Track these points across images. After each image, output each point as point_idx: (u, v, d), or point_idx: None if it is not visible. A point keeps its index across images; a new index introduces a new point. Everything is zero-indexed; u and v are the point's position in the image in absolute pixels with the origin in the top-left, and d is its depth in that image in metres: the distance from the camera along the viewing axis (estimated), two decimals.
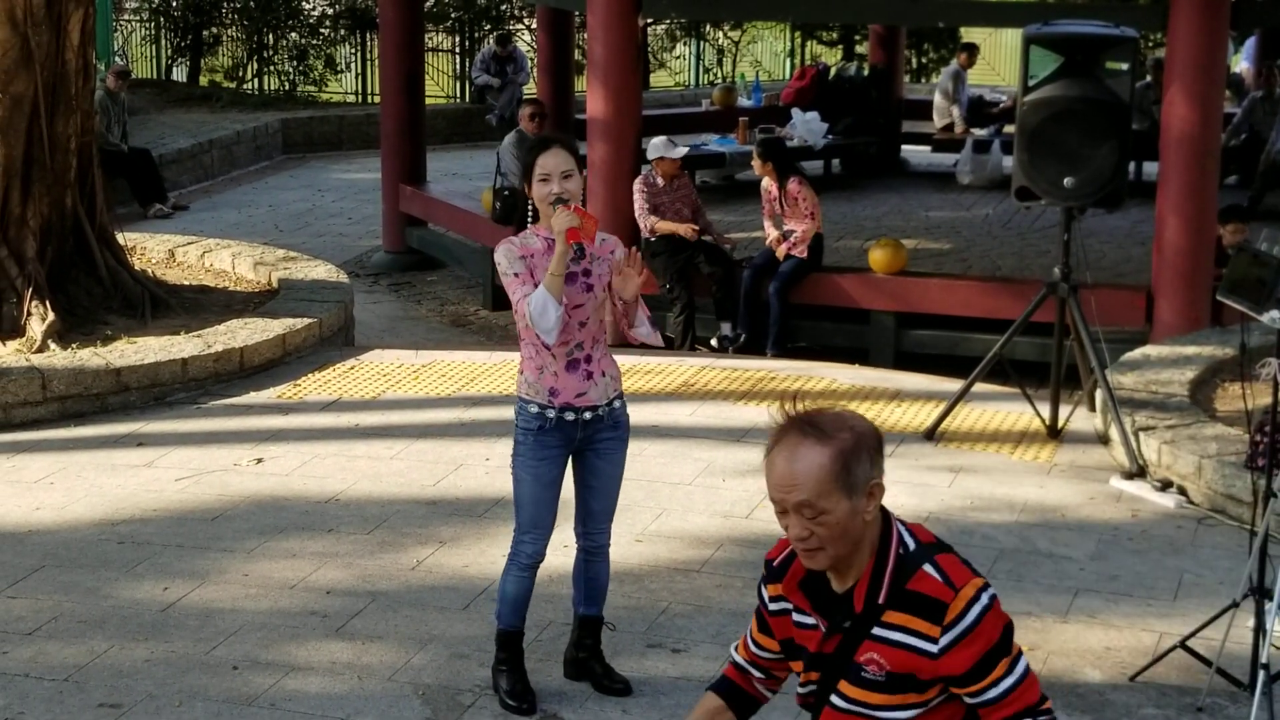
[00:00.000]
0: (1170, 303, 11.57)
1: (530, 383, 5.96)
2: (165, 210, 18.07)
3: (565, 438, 5.97)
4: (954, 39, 25.77)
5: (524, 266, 5.86)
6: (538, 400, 5.94)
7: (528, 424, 5.96)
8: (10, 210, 10.89)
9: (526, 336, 5.96)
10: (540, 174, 5.87)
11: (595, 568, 6.21)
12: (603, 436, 6.04)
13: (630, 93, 13.24)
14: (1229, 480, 8.13)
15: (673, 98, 25.09)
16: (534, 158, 5.90)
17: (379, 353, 11.17)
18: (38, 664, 6.52)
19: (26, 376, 9.71)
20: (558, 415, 5.93)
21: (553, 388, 5.93)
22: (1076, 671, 6.50)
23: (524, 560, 6.08)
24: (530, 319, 5.76)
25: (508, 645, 6.19)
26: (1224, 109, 13.36)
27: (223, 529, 7.97)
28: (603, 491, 6.11)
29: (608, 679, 6.26)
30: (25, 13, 10.64)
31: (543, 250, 5.88)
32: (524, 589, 6.12)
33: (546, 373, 5.93)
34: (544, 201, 5.86)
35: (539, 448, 5.95)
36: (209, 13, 25.31)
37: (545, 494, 6.01)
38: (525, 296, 5.80)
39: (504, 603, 6.15)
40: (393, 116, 16.29)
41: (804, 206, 12.80)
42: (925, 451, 9.07)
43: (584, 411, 5.96)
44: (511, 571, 6.12)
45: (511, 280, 5.86)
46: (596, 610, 6.27)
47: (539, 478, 5.98)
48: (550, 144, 5.93)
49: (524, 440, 5.98)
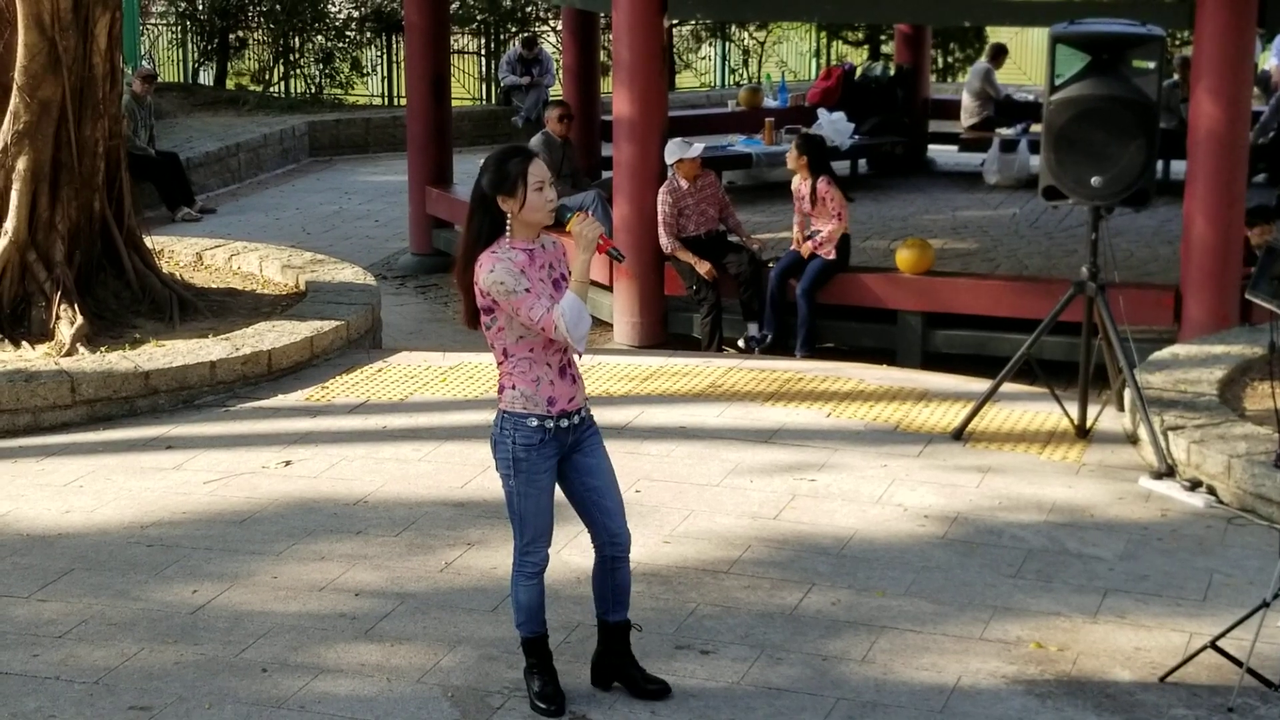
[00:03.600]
0: (1198, 301, 11.53)
1: (527, 396, 5.90)
2: (193, 214, 18.11)
3: (560, 445, 5.98)
4: (980, 38, 25.72)
5: (527, 281, 5.80)
6: (536, 412, 5.90)
7: (528, 439, 5.91)
8: (39, 214, 10.93)
9: (518, 351, 5.89)
10: (535, 182, 5.80)
11: (620, 572, 6.17)
12: (586, 436, 6.06)
13: (656, 94, 13.24)
14: (1258, 480, 8.10)
15: (698, 99, 25.08)
16: (523, 166, 5.80)
17: (406, 355, 11.18)
18: (68, 666, 6.55)
19: (55, 380, 9.74)
20: (555, 424, 5.92)
21: (550, 396, 5.91)
22: (1106, 672, 6.48)
23: (531, 570, 6.08)
24: (564, 330, 5.72)
25: (534, 650, 6.19)
26: (1252, 107, 13.30)
27: (251, 531, 7.99)
28: (609, 486, 6.09)
29: (645, 681, 6.23)
30: (53, 17, 10.68)
31: (526, 262, 5.83)
32: (537, 595, 6.12)
33: (543, 382, 5.91)
34: (542, 210, 5.81)
35: (539, 460, 5.94)
36: (235, 16, 25.37)
37: (546, 502, 6.02)
38: (549, 310, 5.74)
39: (520, 612, 6.14)
40: (419, 119, 16.31)
41: (831, 206, 12.78)
42: (953, 452, 9.06)
43: (574, 416, 5.98)
44: (520, 582, 6.10)
45: (524, 296, 5.76)
46: (624, 615, 6.23)
47: (542, 489, 5.98)
48: (532, 154, 5.87)
49: (525, 456, 5.93)
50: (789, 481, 8.54)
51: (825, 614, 6.98)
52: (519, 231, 5.86)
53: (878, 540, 7.78)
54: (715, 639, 6.74)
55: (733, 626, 6.86)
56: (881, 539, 7.80)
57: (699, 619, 6.92)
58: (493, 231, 5.85)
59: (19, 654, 6.65)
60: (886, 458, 8.91)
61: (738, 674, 6.44)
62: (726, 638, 6.75)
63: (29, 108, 10.80)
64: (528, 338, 5.87)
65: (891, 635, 6.78)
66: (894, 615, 6.96)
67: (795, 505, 8.22)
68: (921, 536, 7.83)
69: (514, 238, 5.86)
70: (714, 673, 6.45)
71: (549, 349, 5.90)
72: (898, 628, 6.84)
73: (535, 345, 5.88)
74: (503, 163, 5.85)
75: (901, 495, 8.36)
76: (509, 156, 5.88)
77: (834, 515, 8.09)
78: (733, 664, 6.52)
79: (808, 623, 6.89)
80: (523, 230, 5.87)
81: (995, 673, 6.45)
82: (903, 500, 8.29)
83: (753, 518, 8.06)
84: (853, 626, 6.86)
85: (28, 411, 9.65)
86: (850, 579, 7.33)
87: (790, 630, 6.82)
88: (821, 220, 12.83)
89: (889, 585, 7.27)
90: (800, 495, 8.35)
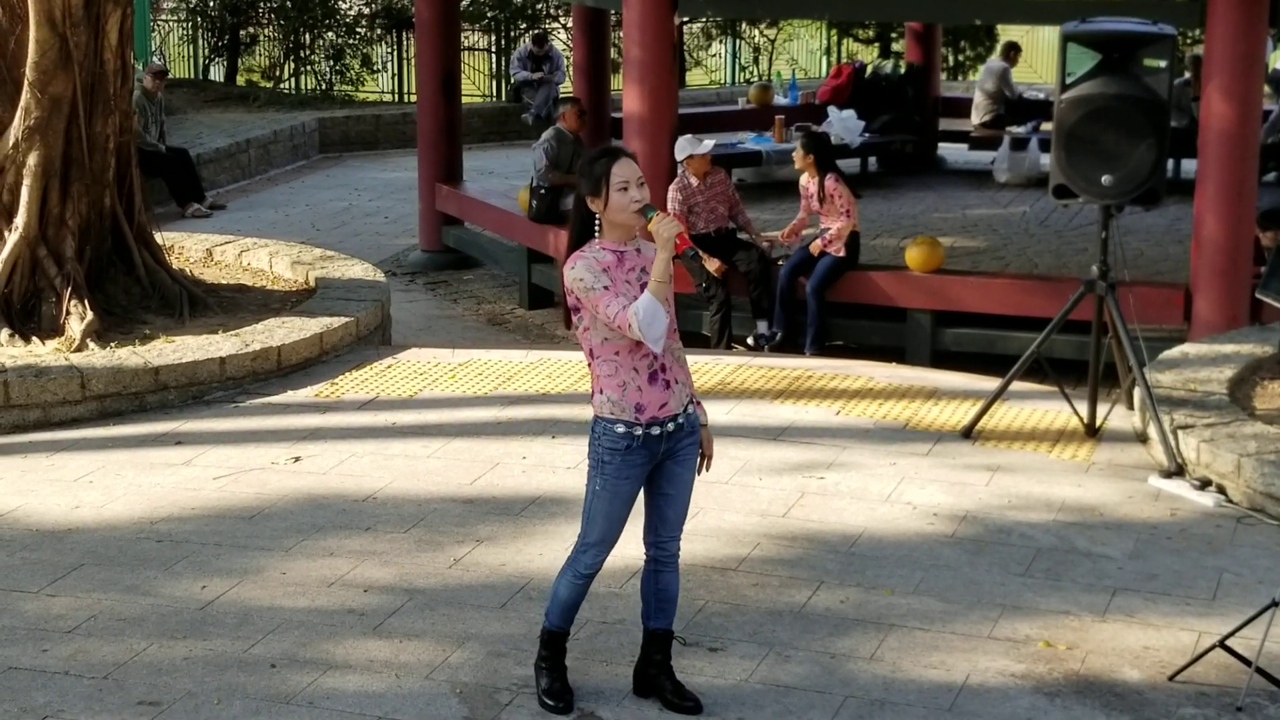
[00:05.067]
0: (1209, 300, 11.51)
1: (614, 401, 5.78)
2: (203, 210, 18.14)
3: (650, 454, 5.85)
4: (991, 36, 25.72)
5: (608, 279, 5.72)
6: (624, 418, 5.77)
7: (614, 444, 5.79)
8: (49, 210, 10.94)
9: (604, 352, 5.79)
10: (619, 183, 5.71)
11: (666, 578, 6.10)
12: (683, 444, 5.93)
13: (667, 91, 13.25)
14: (1268, 479, 8.09)
15: (709, 96, 25.10)
16: (608, 167, 5.72)
17: (416, 351, 11.19)
18: (77, 662, 6.56)
19: (65, 375, 9.76)
20: (644, 432, 5.80)
21: (638, 403, 5.78)
22: (1115, 671, 6.48)
23: (583, 570, 6.01)
24: (638, 329, 5.60)
25: (551, 644, 6.16)
26: (1263, 106, 13.28)
27: (261, 527, 7.99)
28: (679, 498, 6.00)
29: (677, 696, 6.15)
30: (64, 13, 10.69)
31: (613, 263, 5.76)
32: (578, 595, 6.07)
33: (630, 388, 5.78)
34: (625, 210, 5.72)
35: (625, 466, 5.83)
36: (246, 12, 25.41)
37: (622, 511, 5.92)
38: (624, 308, 5.64)
39: (555, 603, 6.09)
40: (429, 115, 16.33)
41: (839, 204, 12.78)
42: (963, 450, 9.05)
43: (667, 423, 5.84)
44: (568, 576, 6.04)
45: (601, 294, 5.66)
46: (667, 623, 6.17)
47: (619, 495, 5.88)
48: (619, 154, 5.78)
49: (610, 460, 5.80)
50: (798, 479, 8.54)
51: (834, 612, 6.97)
52: (608, 232, 5.77)
53: (886, 538, 7.78)
54: (723, 636, 6.74)
55: (741, 624, 6.85)
56: (890, 537, 7.80)
57: (707, 616, 6.92)
58: (583, 231, 5.79)
59: (28, 649, 6.66)
60: (895, 456, 8.90)
61: (746, 671, 6.44)
62: (735, 635, 6.75)
63: (40, 103, 10.81)
64: (612, 339, 5.75)
65: (900, 633, 6.77)
66: (902, 613, 6.96)
67: (804, 503, 8.22)
68: (930, 535, 7.83)
69: (603, 238, 5.79)
70: (722, 670, 6.45)
71: (635, 353, 5.76)
72: (906, 626, 6.84)
73: (620, 348, 5.76)
74: (589, 163, 5.78)
75: (910, 493, 8.35)
76: (596, 157, 5.79)
77: (843, 513, 8.09)
78: (741, 661, 6.52)
79: (816, 620, 6.89)
80: (611, 231, 5.78)
81: (1004, 671, 6.45)
82: (912, 498, 8.28)
83: (761, 515, 8.05)
84: (861, 624, 6.85)
85: (38, 407, 9.66)
86: (859, 577, 7.33)
87: (799, 628, 6.82)
88: (830, 218, 12.83)
89: (898, 583, 7.27)
90: (809, 493, 8.35)
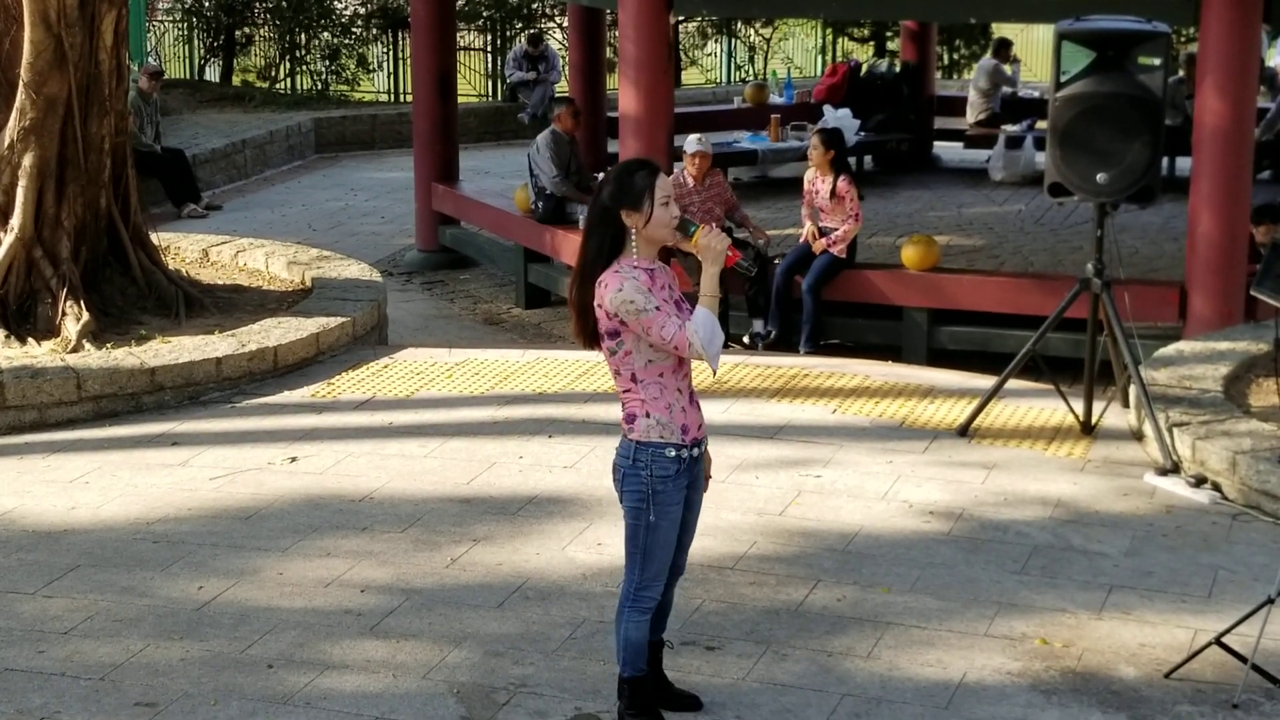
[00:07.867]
0: (1204, 298, 11.52)
1: (664, 424, 5.58)
2: (199, 210, 18.13)
3: (690, 475, 5.72)
4: (985, 35, 25.72)
5: (657, 300, 5.50)
6: (673, 441, 5.59)
7: (665, 470, 5.59)
8: (45, 211, 10.95)
9: (647, 376, 5.58)
10: (662, 197, 5.52)
11: (669, 593, 6.02)
12: (700, 466, 5.84)
13: (662, 91, 13.24)
14: (1263, 476, 8.10)
15: (704, 95, 25.11)
16: (651, 181, 5.50)
17: (412, 351, 11.19)
18: (74, 663, 6.56)
19: (62, 376, 9.76)
20: (690, 453, 5.66)
21: (684, 424, 5.64)
22: (1111, 668, 6.49)
23: (648, 604, 5.81)
24: (698, 347, 5.44)
25: (641, 691, 5.91)
26: (1257, 104, 13.29)
27: (257, 528, 8.00)
28: (692, 522, 5.90)
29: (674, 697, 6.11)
30: (59, 14, 10.68)
31: (649, 281, 5.54)
32: (645, 633, 5.86)
33: (675, 410, 5.63)
34: (668, 226, 5.54)
35: (674, 491, 5.66)
36: (241, 13, 25.40)
37: (674, 537, 5.77)
38: (680, 327, 5.46)
39: (628, 650, 5.85)
40: (425, 115, 16.33)
41: (849, 206, 12.75)
42: (959, 448, 9.06)
43: (702, 444, 5.75)
44: (633, 619, 5.81)
45: (655, 315, 5.44)
46: (662, 633, 6.11)
47: (674, 522, 5.73)
48: (658, 167, 5.61)
49: (663, 489, 5.61)
50: (794, 477, 8.55)
51: (830, 610, 6.98)
52: (643, 249, 5.55)
53: (883, 536, 7.79)
54: (720, 635, 6.75)
55: (738, 623, 6.86)
56: (887, 535, 7.81)
57: (704, 615, 6.93)
58: (614, 247, 5.54)
59: (25, 650, 6.67)
60: (892, 454, 8.91)
61: (743, 670, 6.44)
62: (732, 634, 6.76)
63: (35, 104, 10.81)
64: (657, 361, 5.56)
65: (896, 631, 6.78)
66: (899, 611, 6.97)
67: (800, 501, 8.22)
68: (926, 533, 7.84)
69: (639, 255, 5.56)
70: (719, 669, 6.45)
71: (677, 374, 5.60)
72: (903, 624, 6.85)
73: (665, 370, 5.58)
74: (628, 175, 5.55)
75: (907, 491, 8.36)
76: (635, 169, 5.57)
77: (839, 511, 8.09)
78: (738, 660, 6.52)
79: (813, 619, 6.90)
80: (646, 247, 5.57)
81: (1000, 669, 6.46)
82: (908, 496, 8.29)
83: (758, 514, 8.06)
84: (858, 623, 6.86)
85: (34, 408, 9.66)
86: (855, 575, 7.34)
87: (795, 626, 6.82)
88: (835, 218, 12.79)
89: (894, 581, 7.28)
90: (805, 491, 8.35)
